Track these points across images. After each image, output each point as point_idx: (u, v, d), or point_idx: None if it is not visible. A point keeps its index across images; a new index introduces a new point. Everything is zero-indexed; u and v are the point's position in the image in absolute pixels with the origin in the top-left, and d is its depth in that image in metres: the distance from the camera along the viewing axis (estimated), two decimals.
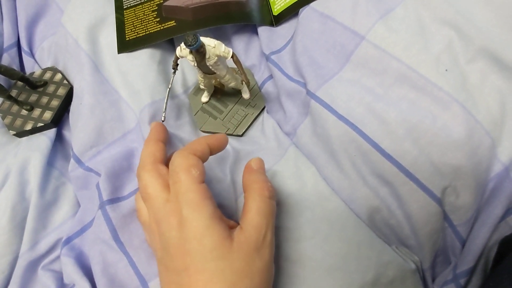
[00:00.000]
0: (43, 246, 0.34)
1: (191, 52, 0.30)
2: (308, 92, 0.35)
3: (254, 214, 0.25)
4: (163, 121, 0.32)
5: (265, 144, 0.37)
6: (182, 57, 0.32)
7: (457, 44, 0.32)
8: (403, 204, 0.31)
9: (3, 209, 0.33)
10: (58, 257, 0.34)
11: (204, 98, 0.39)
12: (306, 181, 0.34)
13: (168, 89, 0.35)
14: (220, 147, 0.29)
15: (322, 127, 0.34)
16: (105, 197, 0.33)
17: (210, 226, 0.23)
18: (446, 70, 0.32)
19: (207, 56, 0.31)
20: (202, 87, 0.37)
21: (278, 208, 0.32)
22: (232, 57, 0.32)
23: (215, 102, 0.40)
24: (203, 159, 0.27)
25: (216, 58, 0.31)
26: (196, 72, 0.39)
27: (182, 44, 0.30)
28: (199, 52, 0.30)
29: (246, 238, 0.24)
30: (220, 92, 0.40)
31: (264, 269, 0.24)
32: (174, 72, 0.35)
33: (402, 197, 0.31)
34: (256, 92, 0.40)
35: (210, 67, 0.32)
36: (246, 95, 0.38)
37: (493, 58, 0.31)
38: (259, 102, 0.39)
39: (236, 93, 0.39)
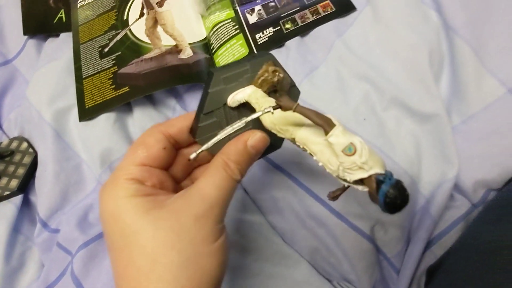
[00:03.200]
0: None
1: None
2: None
3: (208, 184, 0.20)
4: (190, 160, 0.22)
5: None
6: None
7: (373, 95, 0.37)
8: (339, 243, 0.34)
9: None
10: None
11: None
12: (252, 224, 0.37)
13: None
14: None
15: (263, 177, 0.37)
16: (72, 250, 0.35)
17: (120, 205, 0.20)
18: (364, 119, 0.36)
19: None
20: None
21: (230, 253, 0.35)
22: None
23: None
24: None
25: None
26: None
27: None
28: None
29: (184, 205, 0.20)
30: None
31: (208, 253, 0.19)
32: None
33: (337, 237, 0.34)
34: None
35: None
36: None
37: (404, 106, 0.36)
38: None
39: None
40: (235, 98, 0.22)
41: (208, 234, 0.19)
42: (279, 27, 0.43)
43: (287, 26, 0.43)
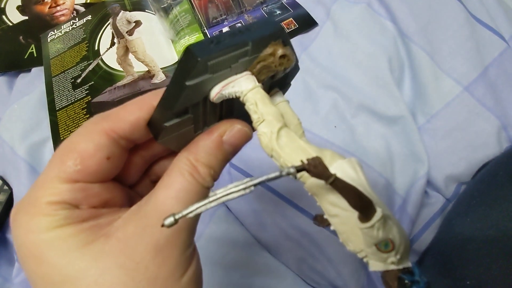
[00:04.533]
0: None
1: None
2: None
3: (168, 198, 0.15)
4: (163, 225, 0.14)
5: None
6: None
7: (341, 103, 0.38)
8: (323, 250, 0.35)
9: None
10: None
11: None
12: (237, 239, 0.37)
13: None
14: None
15: None
16: None
17: (43, 242, 0.14)
18: (335, 126, 0.37)
19: None
20: None
21: (215, 267, 0.34)
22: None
23: None
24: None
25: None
26: None
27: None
28: None
29: (138, 231, 0.14)
30: None
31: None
32: None
33: (320, 244, 0.35)
34: None
35: None
36: None
37: (371, 111, 0.38)
38: None
39: None
40: (223, 93, 0.15)
41: (173, 268, 0.14)
42: None
43: None
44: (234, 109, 0.17)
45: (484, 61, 0.37)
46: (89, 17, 0.53)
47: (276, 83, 0.17)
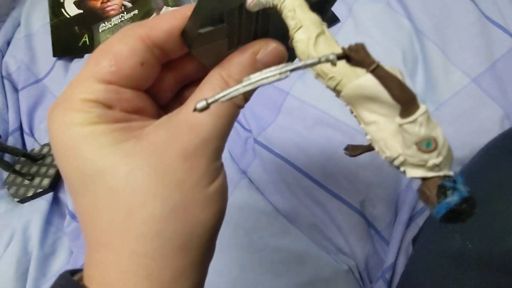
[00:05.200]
0: None
1: None
2: (253, 138, 0.45)
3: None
4: (194, 110, 0.13)
5: None
6: None
7: None
8: (333, 219, 0.39)
9: (9, 262, 0.40)
10: None
11: None
12: (257, 206, 0.42)
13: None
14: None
15: (265, 164, 0.43)
16: None
17: (77, 136, 0.14)
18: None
19: None
20: None
21: (237, 228, 0.39)
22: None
23: None
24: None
25: None
26: None
27: None
28: None
29: (169, 137, 0.15)
30: None
31: (201, 201, 0.15)
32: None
33: (331, 213, 0.39)
34: None
35: None
36: None
37: None
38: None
39: None
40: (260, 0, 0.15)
41: (201, 176, 0.15)
42: None
43: None
44: (269, 29, 0.17)
45: (493, 56, 0.40)
46: (135, 11, 0.60)
47: (314, 6, 0.16)
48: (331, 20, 0.49)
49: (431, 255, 0.29)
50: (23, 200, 0.47)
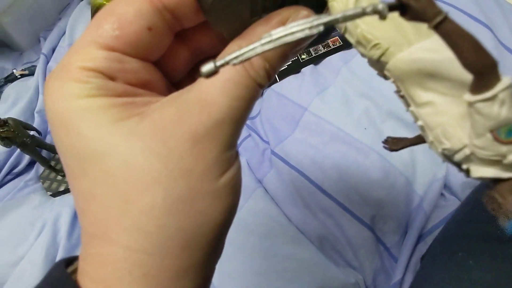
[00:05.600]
0: None
1: None
2: (270, 150, 0.47)
3: (216, 88, 0.13)
4: (201, 75, 0.11)
5: None
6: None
7: (373, 109, 0.44)
8: (344, 232, 0.40)
9: (39, 250, 0.44)
10: None
11: None
12: (271, 214, 0.44)
13: None
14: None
15: (281, 175, 0.45)
16: None
17: (73, 109, 0.13)
18: (365, 128, 0.43)
19: None
20: None
21: (250, 234, 0.41)
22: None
23: None
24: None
25: None
26: None
27: None
28: None
29: (177, 116, 0.13)
30: None
31: (210, 193, 0.13)
32: None
33: (342, 226, 0.40)
34: None
35: None
36: None
37: (399, 118, 0.43)
38: None
39: None
40: None
41: (211, 165, 0.13)
42: (296, 58, 0.53)
43: (303, 56, 0.52)
44: None
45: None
46: None
47: None
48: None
49: (437, 273, 0.30)
50: (55, 194, 0.51)
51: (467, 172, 0.11)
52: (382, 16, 0.09)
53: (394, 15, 0.10)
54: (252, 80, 0.13)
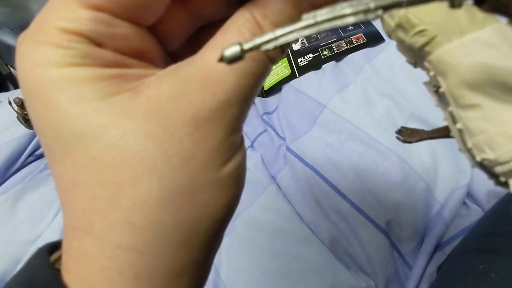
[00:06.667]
0: None
1: None
2: (286, 146, 0.46)
3: (216, 67, 0.11)
4: (220, 60, 0.09)
5: (249, 175, 0.47)
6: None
7: (395, 110, 0.43)
8: (357, 235, 0.39)
9: (55, 231, 0.45)
10: None
11: None
12: (283, 212, 0.43)
13: None
14: None
15: (295, 173, 0.44)
16: None
17: (50, 81, 0.10)
18: (386, 129, 0.42)
19: None
20: None
21: (260, 230, 0.41)
22: None
23: None
24: None
25: None
26: None
27: None
28: None
29: (176, 94, 0.11)
30: None
31: (212, 183, 0.11)
32: None
33: (356, 229, 0.39)
34: None
35: None
36: None
37: (421, 120, 0.41)
38: None
39: None
40: None
41: (214, 151, 0.11)
42: (317, 53, 0.51)
43: (325, 52, 0.51)
44: None
45: None
46: None
47: None
48: (376, 39, 0.49)
49: (455, 285, 0.28)
50: None
51: (505, 185, 0.10)
52: (457, 3, 0.07)
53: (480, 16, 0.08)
54: (264, 54, 0.11)
